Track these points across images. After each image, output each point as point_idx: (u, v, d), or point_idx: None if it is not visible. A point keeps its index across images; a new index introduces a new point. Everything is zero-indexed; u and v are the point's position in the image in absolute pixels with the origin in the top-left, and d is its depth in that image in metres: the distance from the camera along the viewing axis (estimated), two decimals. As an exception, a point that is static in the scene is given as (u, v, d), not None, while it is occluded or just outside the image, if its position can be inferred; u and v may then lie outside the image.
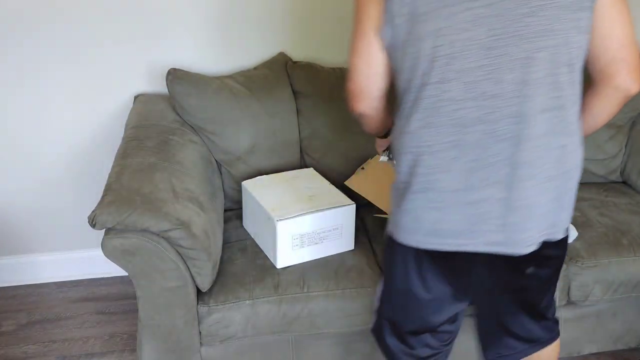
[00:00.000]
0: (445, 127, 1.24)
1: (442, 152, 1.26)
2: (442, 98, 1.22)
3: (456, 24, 1.18)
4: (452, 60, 1.19)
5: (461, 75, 1.20)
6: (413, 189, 1.31)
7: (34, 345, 2.22)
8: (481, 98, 1.21)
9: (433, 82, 1.22)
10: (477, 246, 1.32)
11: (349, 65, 1.34)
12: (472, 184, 1.26)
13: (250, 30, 2.31)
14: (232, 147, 2.12)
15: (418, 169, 1.29)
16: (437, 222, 1.31)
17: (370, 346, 1.92)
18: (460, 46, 1.18)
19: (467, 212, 1.29)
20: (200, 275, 1.69)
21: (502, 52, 1.18)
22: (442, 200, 1.29)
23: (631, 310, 2.07)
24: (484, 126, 1.22)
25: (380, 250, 1.97)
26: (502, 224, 1.29)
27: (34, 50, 2.20)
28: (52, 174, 2.40)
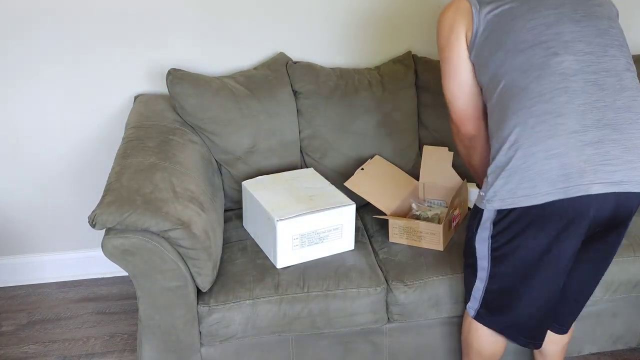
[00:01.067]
0: (554, 76, 1.41)
1: (555, 98, 1.40)
2: (547, 53, 1.44)
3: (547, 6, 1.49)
4: (549, 28, 1.46)
5: (560, 36, 1.45)
6: (529, 144, 1.40)
7: (34, 345, 2.22)
8: (580, 54, 1.43)
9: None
10: (608, 188, 1.38)
11: (448, 97, 1.65)
12: (586, 124, 1.39)
13: (250, 30, 2.31)
14: (232, 147, 2.12)
15: (530, 121, 1.41)
16: (561, 167, 1.38)
17: (370, 346, 1.92)
18: (553, 18, 1.47)
19: (588, 153, 1.38)
20: (200, 275, 1.70)
21: (587, 24, 1.47)
22: (563, 144, 1.38)
23: (631, 310, 2.07)
24: (584, 76, 1.42)
25: (381, 251, 1.97)
26: (622, 163, 1.39)
27: (33, 50, 2.20)
28: (52, 174, 2.40)
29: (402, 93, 2.26)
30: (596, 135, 1.38)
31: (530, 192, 1.41)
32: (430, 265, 1.88)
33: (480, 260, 1.61)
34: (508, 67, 1.46)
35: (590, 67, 1.43)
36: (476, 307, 1.69)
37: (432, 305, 1.86)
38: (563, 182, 1.38)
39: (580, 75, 1.42)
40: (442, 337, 1.96)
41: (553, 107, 1.40)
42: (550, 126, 1.39)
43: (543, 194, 1.40)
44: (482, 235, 1.57)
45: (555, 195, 1.39)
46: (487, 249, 1.57)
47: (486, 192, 1.50)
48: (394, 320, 1.88)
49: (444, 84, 1.64)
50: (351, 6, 2.34)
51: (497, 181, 1.46)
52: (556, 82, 1.41)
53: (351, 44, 2.39)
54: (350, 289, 1.81)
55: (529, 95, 1.42)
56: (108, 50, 2.24)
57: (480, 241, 1.58)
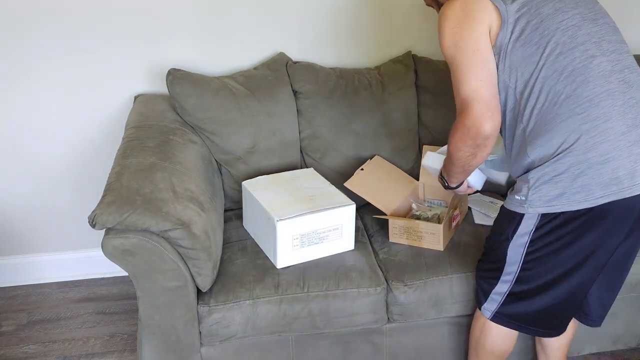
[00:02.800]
0: (597, 80, 1.42)
1: (602, 102, 1.41)
2: (585, 56, 1.43)
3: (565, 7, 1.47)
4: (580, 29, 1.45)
5: (590, 37, 1.45)
6: (584, 149, 1.41)
7: (34, 345, 2.22)
8: (608, 54, 1.44)
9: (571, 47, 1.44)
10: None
11: (467, 93, 1.44)
12: (628, 124, 1.42)
13: (250, 30, 2.31)
14: (232, 147, 2.12)
15: (583, 127, 1.40)
16: (613, 170, 1.41)
17: (370, 346, 1.92)
18: (579, 18, 1.45)
19: (635, 152, 1.41)
20: (200, 275, 1.69)
21: (602, 22, 1.47)
22: (614, 147, 1.40)
23: (631, 310, 2.07)
24: (616, 75, 1.43)
25: (381, 251, 1.97)
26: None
27: (33, 50, 2.20)
28: (52, 174, 2.40)
29: (402, 93, 2.26)
30: (637, 133, 1.42)
31: (583, 197, 1.43)
32: (430, 265, 1.88)
33: (508, 266, 1.60)
34: (549, 71, 1.43)
35: (618, 66, 1.45)
36: (494, 308, 1.68)
37: (432, 305, 1.86)
38: (616, 184, 1.41)
39: (614, 76, 1.43)
40: (442, 337, 1.96)
41: (602, 112, 1.41)
42: (602, 131, 1.41)
43: (596, 197, 1.42)
44: (519, 240, 1.55)
45: (609, 198, 1.42)
46: (522, 254, 1.55)
47: (527, 196, 1.49)
48: (394, 320, 1.88)
49: (464, 73, 1.44)
50: (351, 6, 2.34)
51: (544, 185, 1.46)
52: (599, 85, 1.41)
53: (351, 44, 2.39)
54: (350, 289, 1.81)
55: (578, 101, 1.41)
56: (108, 50, 2.24)
57: (515, 247, 1.56)
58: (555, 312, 1.63)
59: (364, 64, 2.40)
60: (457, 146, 1.51)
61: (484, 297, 1.69)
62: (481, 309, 1.71)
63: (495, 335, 1.72)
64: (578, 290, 1.60)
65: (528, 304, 1.62)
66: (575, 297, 1.61)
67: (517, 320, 1.67)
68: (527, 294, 1.61)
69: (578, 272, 1.54)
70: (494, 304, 1.67)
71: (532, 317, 1.65)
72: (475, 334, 1.77)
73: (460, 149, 1.51)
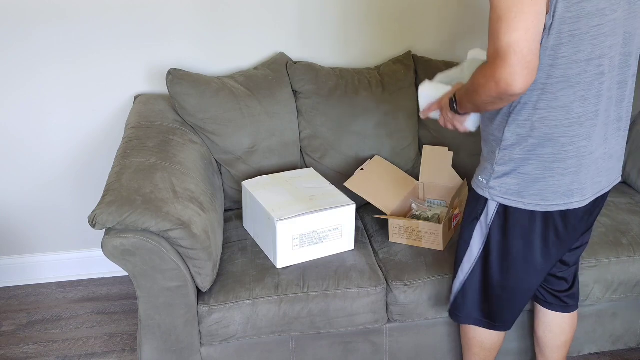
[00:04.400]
0: (593, 99, 1.39)
1: (587, 121, 1.41)
2: (596, 72, 1.37)
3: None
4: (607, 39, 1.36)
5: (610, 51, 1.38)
6: (552, 160, 1.43)
7: (34, 345, 2.22)
8: (613, 69, 1.40)
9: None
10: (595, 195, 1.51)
11: (509, 42, 1.24)
12: (599, 143, 1.44)
13: (250, 30, 2.31)
14: (232, 147, 2.13)
15: (562, 139, 1.41)
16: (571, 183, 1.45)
17: (370, 346, 1.92)
18: (611, 26, 1.34)
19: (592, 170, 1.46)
20: (200, 275, 1.70)
21: (627, 31, 1.39)
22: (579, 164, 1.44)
23: (631, 310, 2.07)
24: (610, 93, 1.41)
25: (381, 251, 1.97)
26: (606, 170, 1.51)
27: (33, 50, 2.20)
28: (52, 174, 2.40)
29: (402, 93, 2.26)
30: (599, 151, 1.46)
31: (539, 200, 1.47)
32: (430, 265, 1.88)
33: (472, 249, 1.62)
34: (559, 73, 1.36)
35: (613, 82, 1.42)
36: (451, 301, 1.73)
37: (432, 305, 1.86)
38: (568, 197, 1.46)
39: (608, 94, 1.42)
40: (442, 337, 1.96)
41: (584, 131, 1.41)
42: (576, 148, 1.42)
43: (549, 204, 1.47)
44: (485, 221, 1.57)
45: (559, 207, 1.47)
46: (483, 237, 1.58)
47: (489, 181, 1.51)
48: (394, 320, 1.88)
49: (510, 23, 1.23)
50: (351, 6, 2.34)
51: (506, 177, 1.48)
52: (593, 104, 1.39)
53: (351, 44, 2.39)
54: (350, 289, 1.81)
55: (568, 115, 1.39)
56: (108, 51, 2.24)
57: (480, 228, 1.59)
58: (506, 308, 1.68)
59: (364, 64, 2.40)
60: (478, 91, 1.37)
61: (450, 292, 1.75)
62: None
63: (481, 330, 1.74)
64: (527, 286, 1.64)
65: (479, 299, 1.67)
66: (524, 292, 1.65)
67: (468, 316, 1.72)
68: (479, 286, 1.65)
69: (528, 269, 1.59)
70: (451, 297, 1.73)
71: (484, 312, 1.69)
72: (464, 329, 1.79)
73: (481, 94, 1.37)
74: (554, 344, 1.84)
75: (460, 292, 1.69)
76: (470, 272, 1.64)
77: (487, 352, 1.78)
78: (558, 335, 1.81)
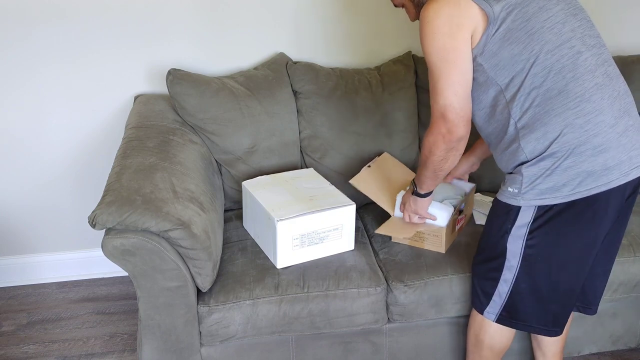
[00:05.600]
0: (585, 75, 1.46)
1: (592, 96, 1.46)
2: (572, 52, 1.47)
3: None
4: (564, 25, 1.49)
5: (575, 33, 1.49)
6: (577, 143, 1.45)
7: (34, 345, 2.22)
8: (591, 48, 1.49)
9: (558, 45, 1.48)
10: (638, 170, 1.50)
11: (445, 104, 1.50)
12: (615, 115, 1.47)
13: (250, 30, 2.31)
14: (232, 147, 2.13)
15: (577, 121, 1.45)
16: (605, 161, 1.47)
17: (370, 346, 1.92)
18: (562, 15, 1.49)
19: (623, 143, 1.48)
20: (200, 275, 1.70)
21: (581, 17, 1.51)
22: (606, 139, 1.46)
23: (631, 310, 2.07)
24: (601, 69, 1.48)
25: (381, 251, 1.97)
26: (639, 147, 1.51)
27: (33, 50, 2.20)
28: (52, 174, 2.40)
29: (402, 93, 2.26)
30: (622, 124, 1.48)
31: (577, 189, 1.47)
32: (431, 265, 1.88)
33: (509, 260, 1.60)
34: (539, 69, 1.46)
35: (599, 60, 1.49)
36: (497, 311, 1.68)
37: (432, 305, 1.86)
38: (606, 175, 1.47)
39: (599, 70, 1.48)
40: (442, 337, 1.96)
41: (593, 106, 1.45)
42: (595, 124, 1.45)
43: (588, 188, 1.47)
44: (518, 232, 1.56)
45: (600, 189, 1.47)
46: (521, 247, 1.57)
47: (521, 188, 1.52)
48: (394, 320, 1.88)
49: (443, 85, 1.50)
50: (351, 6, 2.34)
51: (538, 179, 1.50)
52: (588, 80, 1.46)
53: (351, 44, 2.39)
54: (350, 289, 1.81)
55: (569, 96, 1.45)
56: (108, 51, 2.24)
57: (514, 240, 1.58)
58: (557, 307, 1.65)
59: (364, 64, 2.40)
60: (432, 150, 1.58)
61: (486, 300, 1.69)
62: (484, 313, 1.71)
63: (494, 332, 1.73)
64: (577, 282, 1.62)
65: (531, 302, 1.63)
66: (574, 289, 1.63)
67: (522, 320, 1.67)
68: (530, 291, 1.62)
69: (576, 262, 1.58)
70: (497, 307, 1.67)
71: (537, 315, 1.66)
72: (474, 330, 1.78)
73: (434, 152, 1.58)
74: (550, 339, 1.84)
75: (509, 301, 1.65)
76: (514, 281, 1.62)
77: (496, 354, 1.77)
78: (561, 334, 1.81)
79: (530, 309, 1.65)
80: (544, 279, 1.60)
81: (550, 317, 1.67)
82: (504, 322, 1.69)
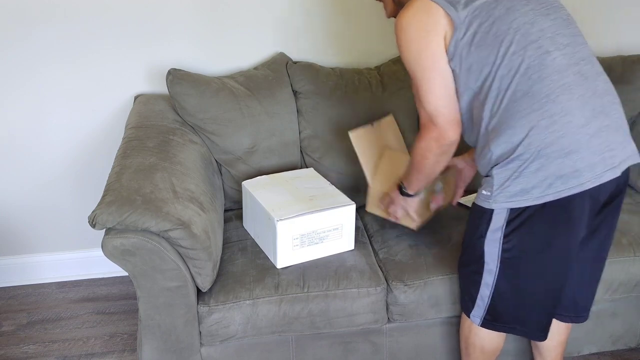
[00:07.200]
0: (552, 75, 1.44)
1: (559, 97, 1.43)
2: (539, 53, 1.45)
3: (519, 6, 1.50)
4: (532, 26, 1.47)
5: (544, 33, 1.47)
6: (544, 144, 1.43)
7: (34, 345, 2.22)
8: (562, 47, 1.46)
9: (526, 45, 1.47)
10: (615, 173, 1.46)
11: (431, 111, 1.53)
12: (586, 116, 1.44)
13: (250, 30, 2.31)
14: (232, 147, 2.13)
15: (542, 122, 1.43)
16: (574, 163, 1.43)
17: (370, 346, 1.92)
18: (531, 15, 1.48)
19: (594, 144, 1.44)
20: (200, 275, 1.70)
21: (555, 17, 1.49)
22: (574, 140, 1.43)
23: (631, 310, 2.07)
24: (572, 68, 1.46)
25: (381, 251, 1.97)
26: (617, 145, 1.47)
27: (33, 50, 2.20)
28: (52, 174, 2.40)
29: (402, 93, 2.26)
30: (595, 124, 1.44)
31: (546, 191, 1.45)
32: (430, 265, 1.88)
33: (488, 264, 1.60)
34: (505, 70, 1.46)
35: (573, 59, 1.47)
36: (481, 314, 1.67)
37: (432, 305, 1.86)
38: (577, 177, 1.44)
39: (570, 69, 1.45)
40: (442, 337, 1.96)
41: (559, 107, 1.43)
42: (561, 125, 1.43)
43: (558, 190, 1.45)
44: (494, 236, 1.56)
45: (570, 191, 1.44)
46: (498, 250, 1.56)
47: (493, 191, 1.51)
48: (394, 320, 1.88)
49: (426, 91, 1.52)
50: (351, 6, 2.34)
51: (507, 181, 1.48)
52: (555, 80, 1.43)
53: (351, 44, 2.39)
54: (350, 289, 1.81)
55: (535, 97, 1.44)
56: (108, 51, 2.25)
57: (491, 244, 1.57)
58: (539, 311, 1.64)
59: (364, 64, 2.40)
60: (424, 155, 1.60)
61: (471, 303, 1.69)
62: (470, 317, 1.71)
63: (484, 334, 1.73)
64: (556, 286, 1.61)
65: (513, 306, 1.63)
66: (555, 293, 1.62)
67: (506, 324, 1.67)
68: (511, 294, 1.61)
69: (554, 266, 1.57)
70: (481, 311, 1.67)
71: (520, 319, 1.65)
72: (465, 333, 1.78)
73: (427, 157, 1.60)
74: (549, 344, 1.84)
75: (492, 305, 1.65)
76: (495, 285, 1.61)
77: (488, 356, 1.77)
78: (554, 335, 1.81)
79: (513, 312, 1.64)
80: (524, 283, 1.59)
81: (533, 322, 1.66)
82: (488, 325, 1.69)
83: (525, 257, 1.56)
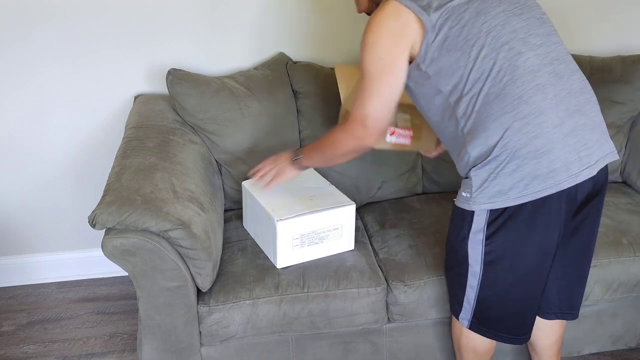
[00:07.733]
0: (524, 76, 1.44)
1: (532, 97, 1.43)
2: (511, 55, 1.45)
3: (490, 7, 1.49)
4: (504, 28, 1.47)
5: (516, 34, 1.46)
6: (518, 146, 1.43)
7: (34, 345, 2.22)
8: (535, 48, 1.46)
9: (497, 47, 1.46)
10: (591, 172, 1.46)
11: (369, 110, 1.53)
12: (561, 115, 1.44)
13: (250, 30, 2.31)
14: (232, 147, 2.13)
15: (515, 124, 1.43)
16: (549, 163, 1.43)
17: (370, 346, 1.92)
18: (503, 16, 1.47)
19: (569, 143, 1.44)
20: (200, 275, 1.70)
21: (528, 17, 1.49)
22: (549, 140, 1.43)
23: (631, 310, 2.07)
24: (546, 69, 1.46)
25: (381, 251, 1.98)
26: (593, 144, 1.47)
27: (33, 50, 2.20)
28: (52, 174, 2.40)
29: (402, 93, 2.26)
30: (570, 124, 1.45)
31: (523, 191, 1.45)
32: (430, 265, 1.89)
33: (472, 267, 1.60)
34: (477, 74, 1.45)
35: (546, 59, 1.46)
36: (469, 317, 1.67)
37: (432, 305, 1.86)
38: (553, 177, 1.44)
39: (543, 69, 1.45)
40: (442, 337, 1.96)
41: (532, 107, 1.43)
42: (535, 126, 1.43)
43: (535, 191, 1.45)
44: (476, 238, 1.56)
45: (547, 191, 1.44)
46: (481, 253, 1.56)
47: (472, 193, 1.51)
48: (394, 320, 1.88)
49: (372, 93, 1.52)
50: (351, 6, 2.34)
51: (485, 182, 1.48)
52: (528, 81, 1.43)
53: (351, 43, 2.39)
54: (350, 289, 1.81)
55: (507, 99, 1.44)
56: (108, 51, 2.25)
57: (473, 246, 1.57)
58: (521, 313, 1.64)
59: (364, 64, 2.40)
60: (337, 145, 1.64)
61: (459, 306, 1.69)
62: (459, 319, 1.71)
63: (474, 336, 1.72)
64: (538, 287, 1.61)
65: (498, 309, 1.63)
66: (536, 294, 1.63)
67: (490, 328, 1.67)
68: (495, 297, 1.61)
69: (536, 268, 1.57)
70: (468, 313, 1.67)
71: (504, 322, 1.65)
72: (456, 335, 1.78)
73: (339, 148, 1.64)
74: (545, 343, 1.84)
75: (477, 307, 1.65)
76: (479, 287, 1.61)
77: (481, 356, 1.77)
78: (549, 335, 1.81)
79: (498, 315, 1.64)
80: (507, 285, 1.59)
81: (517, 324, 1.66)
82: (475, 328, 1.68)
83: (508, 260, 1.55)
